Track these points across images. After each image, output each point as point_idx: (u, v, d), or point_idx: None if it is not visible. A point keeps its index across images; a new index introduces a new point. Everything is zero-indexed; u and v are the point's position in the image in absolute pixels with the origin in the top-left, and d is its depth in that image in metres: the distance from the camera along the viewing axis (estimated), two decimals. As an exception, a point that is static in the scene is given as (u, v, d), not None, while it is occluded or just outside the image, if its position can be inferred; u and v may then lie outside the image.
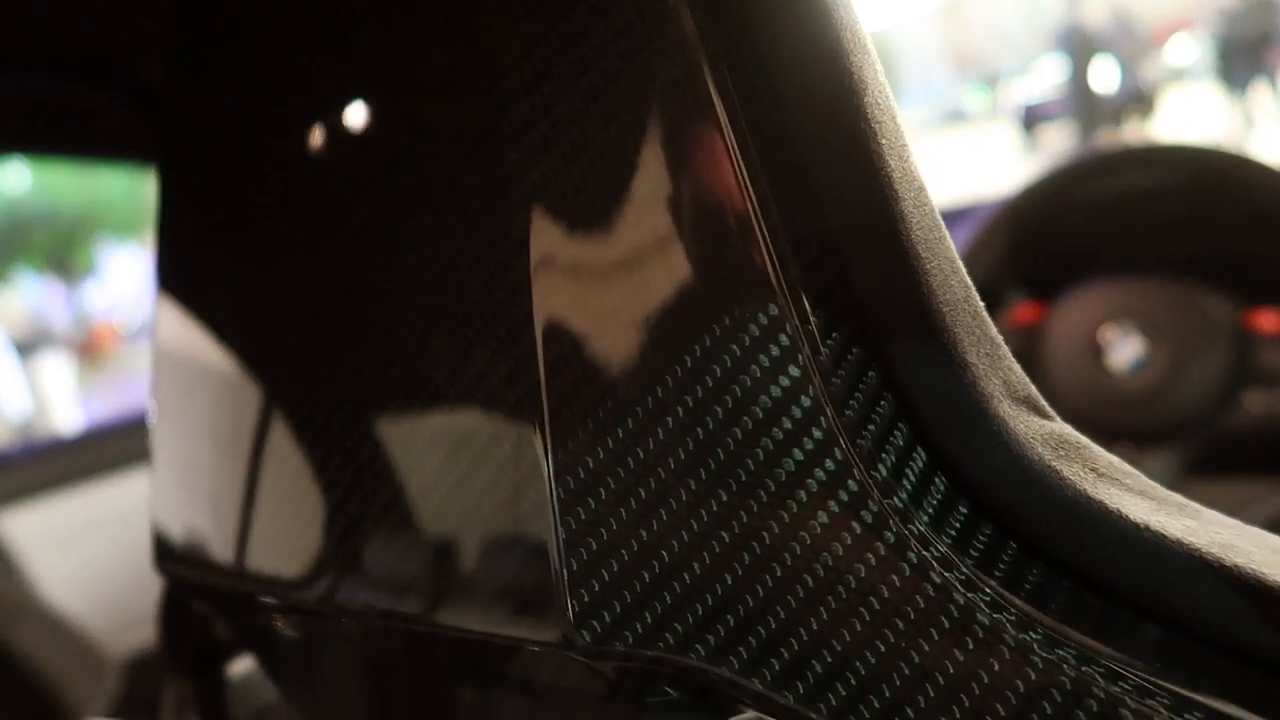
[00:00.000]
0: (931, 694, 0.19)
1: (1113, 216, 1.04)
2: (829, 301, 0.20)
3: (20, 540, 0.95)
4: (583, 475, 0.22)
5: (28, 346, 8.54)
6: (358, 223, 0.29)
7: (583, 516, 0.22)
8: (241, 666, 0.45)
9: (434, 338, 0.26)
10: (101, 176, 14.87)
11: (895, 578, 0.20)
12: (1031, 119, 11.33)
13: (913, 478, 0.20)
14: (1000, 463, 0.20)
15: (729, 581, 0.21)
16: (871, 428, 0.20)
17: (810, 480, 0.20)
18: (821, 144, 0.21)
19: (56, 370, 7.58)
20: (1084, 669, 0.19)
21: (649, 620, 0.22)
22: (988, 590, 0.19)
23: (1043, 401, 0.22)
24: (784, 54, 0.21)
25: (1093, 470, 0.21)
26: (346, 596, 0.28)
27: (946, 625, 0.19)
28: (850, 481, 0.20)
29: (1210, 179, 0.96)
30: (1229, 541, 0.20)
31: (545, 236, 0.23)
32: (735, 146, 0.20)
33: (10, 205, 14.85)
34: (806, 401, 0.20)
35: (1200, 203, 0.98)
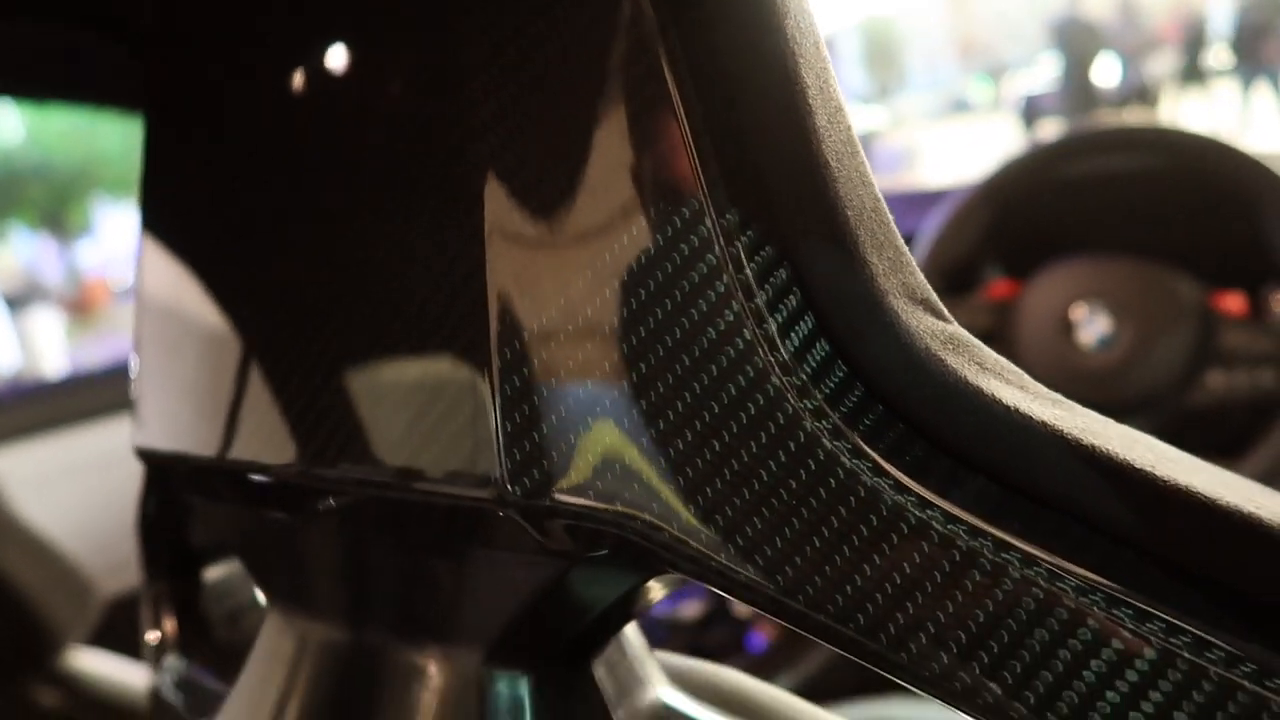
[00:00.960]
0: (839, 560, 0.22)
1: (1088, 197, 1.07)
2: (745, 201, 0.23)
3: (4, 481, 0.97)
4: (521, 343, 0.25)
5: (19, 301, 8.52)
6: (323, 168, 0.31)
7: (518, 382, 0.25)
8: (216, 571, 0.47)
9: (386, 233, 0.28)
10: (98, 134, 14.77)
11: (791, 444, 0.22)
12: (1032, 112, 11.34)
13: (813, 363, 0.23)
14: (891, 350, 0.23)
15: (645, 441, 0.23)
16: (779, 316, 0.23)
17: (720, 357, 0.23)
18: (744, 59, 0.23)
19: (46, 324, 7.56)
20: (975, 542, 0.21)
21: (576, 475, 0.24)
22: (871, 458, 0.22)
23: (942, 307, 0.25)
24: None
25: (977, 364, 0.23)
26: (318, 468, 0.30)
27: (833, 486, 0.22)
28: (755, 359, 0.22)
29: (1185, 163, 0.98)
30: (1092, 428, 0.23)
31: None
32: (665, 56, 0.22)
33: (4, 158, 14.75)
34: (720, 288, 0.22)
35: (1175, 186, 1.01)
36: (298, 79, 0.32)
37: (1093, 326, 1.02)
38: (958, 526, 0.21)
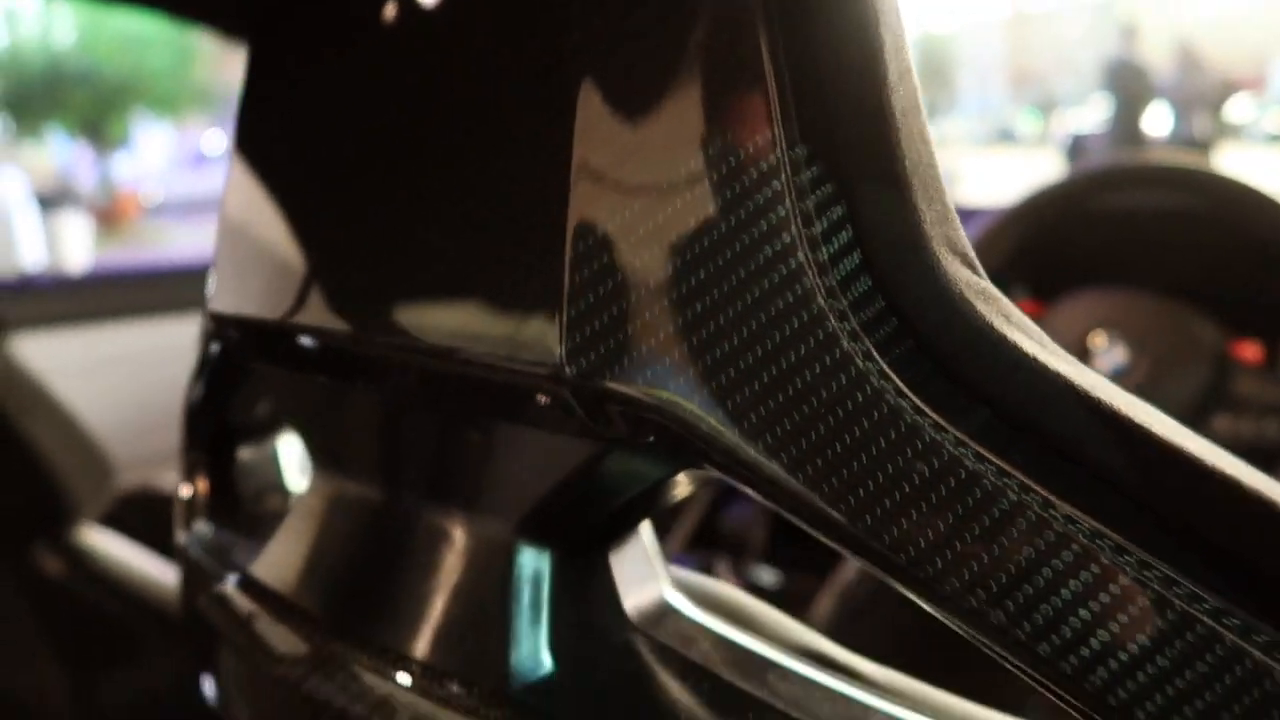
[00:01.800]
0: (856, 466, 0.24)
1: (1120, 229, 1.08)
2: (814, 138, 0.25)
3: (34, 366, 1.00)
4: (594, 239, 0.27)
5: (50, 201, 8.57)
6: (419, 88, 0.33)
7: (587, 274, 0.27)
8: (248, 451, 0.50)
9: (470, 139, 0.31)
10: (148, 50, 14.81)
11: (827, 359, 0.24)
12: (1078, 151, 11.25)
13: (855, 293, 0.25)
14: (928, 291, 0.25)
15: (694, 340, 0.25)
16: (830, 246, 0.25)
17: (773, 274, 0.25)
18: (830, 9, 0.25)
19: (76, 228, 7.60)
20: (979, 465, 0.23)
21: (629, 363, 0.26)
22: (896, 383, 0.24)
23: (978, 264, 0.27)
24: None
25: (1004, 315, 0.26)
26: (374, 335, 0.33)
27: (859, 401, 0.24)
28: (804, 280, 0.24)
29: (1220, 207, 0.99)
30: (1100, 385, 0.25)
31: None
32: (763, 15, 0.25)
33: (52, 60, 14.80)
34: (781, 213, 0.25)
35: (1206, 228, 1.02)
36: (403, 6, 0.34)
37: (1109, 356, 1.04)
38: (965, 450, 0.23)
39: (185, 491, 0.48)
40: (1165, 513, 0.23)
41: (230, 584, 0.41)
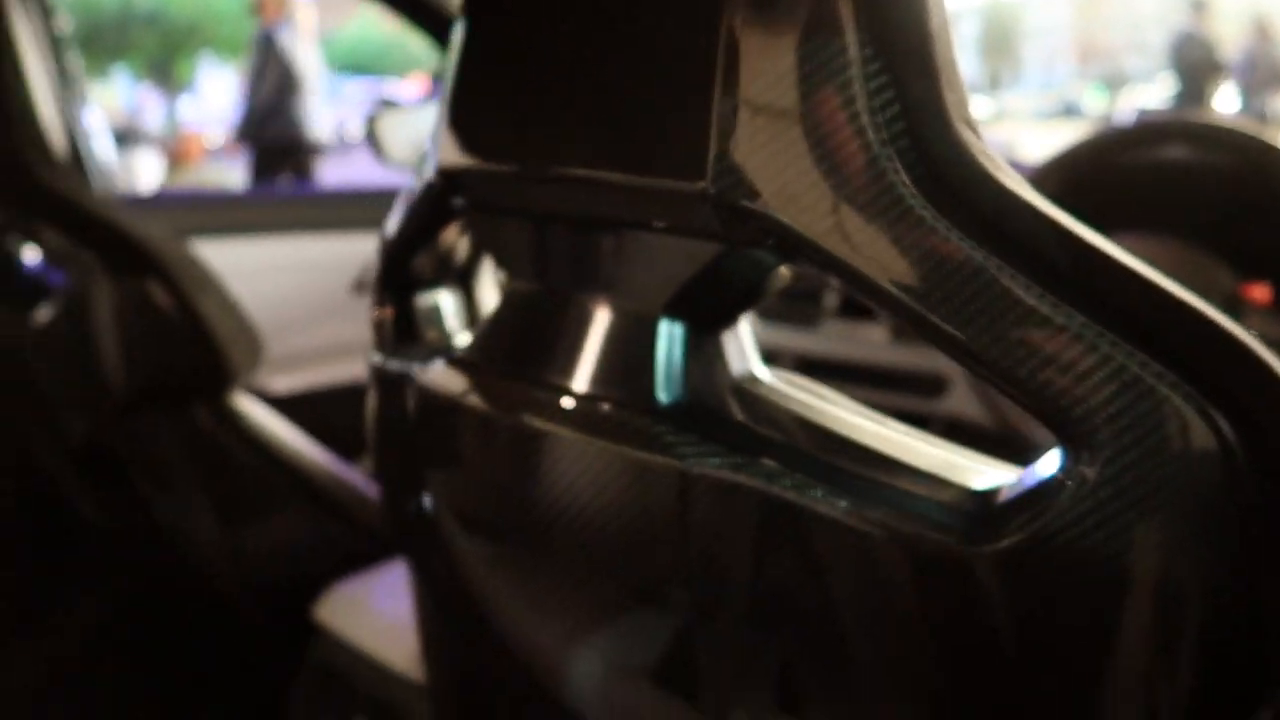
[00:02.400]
0: (895, 249, 0.38)
1: (1147, 181, 1.19)
2: (875, 38, 0.38)
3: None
4: (736, 85, 0.40)
5: (121, 139, 8.83)
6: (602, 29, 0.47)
7: (731, 112, 0.40)
8: (424, 299, 0.65)
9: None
10: (217, -7, 15.05)
11: (880, 185, 0.38)
12: (1142, 127, 11.03)
13: (900, 146, 0.38)
14: (949, 148, 0.38)
15: (803, 169, 0.39)
16: (884, 114, 0.38)
17: (847, 128, 0.38)
18: None
19: (148, 165, 7.84)
20: (961, 244, 0.37)
21: (758, 185, 0.40)
22: (918, 194, 0.38)
23: (981, 133, 0.40)
24: None
25: (989, 158, 0.38)
26: (570, 169, 0.47)
27: (899, 209, 0.38)
28: (866, 135, 0.38)
29: (1245, 161, 1.10)
30: (1045, 204, 0.38)
31: None
32: None
33: (125, 1, 15.11)
34: (852, 88, 0.38)
35: (1229, 181, 1.12)
36: None
37: (1126, 296, 1.15)
38: (950, 234, 0.37)
39: (382, 318, 0.63)
40: (1083, 284, 0.36)
41: (437, 366, 0.56)
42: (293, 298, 1.42)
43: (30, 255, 1.10)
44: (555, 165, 0.47)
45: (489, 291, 0.69)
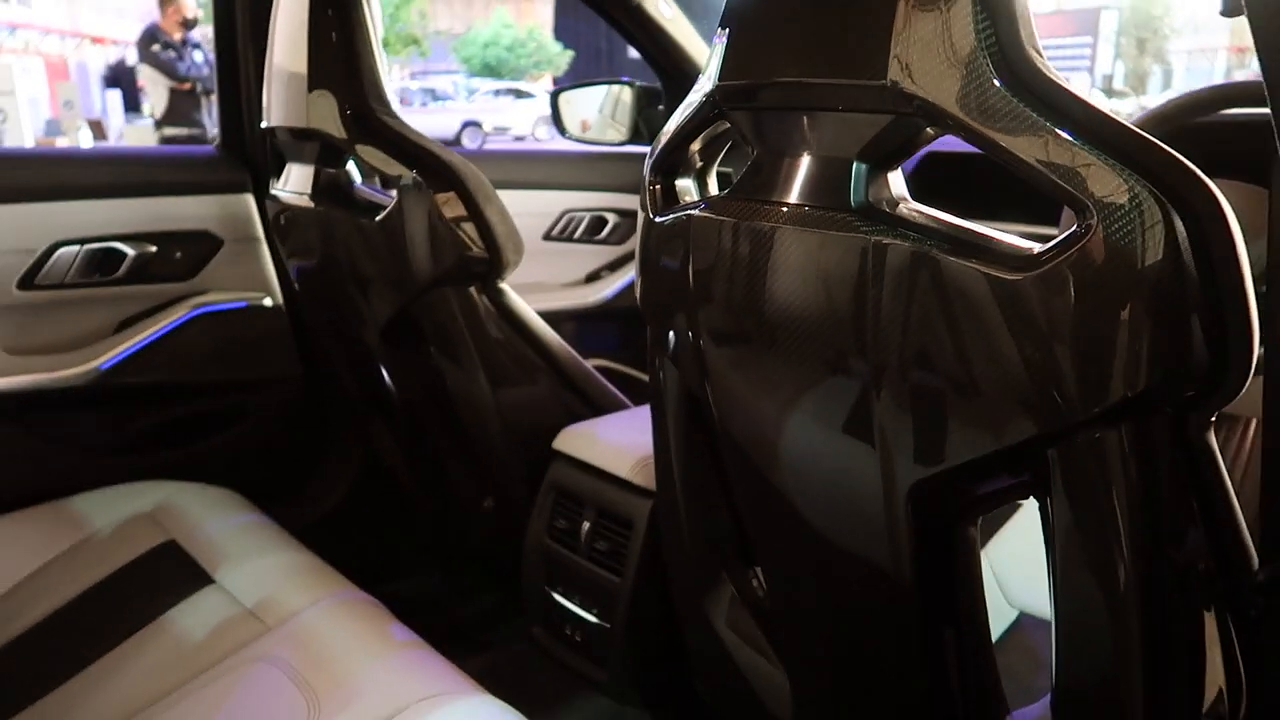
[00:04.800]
0: (994, 111, 0.70)
1: (1229, 135, 1.42)
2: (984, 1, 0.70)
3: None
4: (909, 23, 0.68)
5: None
6: None
7: (902, 39, 0.72)
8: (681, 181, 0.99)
9: None
10: None
11: (981, 77, 0.69)
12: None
13: (991, 53, 0.67)
14: (1019, 58, 0.68)
15: (947, 66, 0.71)
16: (986, 36, 0.67)
17: (965, 41, 0.66)
18: None
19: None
20: (1037, 118, 0.67)
21: (918, 78, 0.68)
22: (1005, 93, 0.69)
23: (1043, 52, 0.71)
24: None
25: (1052, 70, 0.70)
26: (790, 76, 0.80)
27: (989, 92, 0.69)
28: (978, 51, 0.66)
29: None
30: (1094, 99, 0.69)
31: None
32: None
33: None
34: (968, 21, 0.70)
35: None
36: None
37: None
38: (1020, 105, 0.68)
39: (654, 189, 0.96)
40: (1100, 134, 0.66)
41: (702, 205, 0.89)
42: None
43: (359, 176, 1.51)
44: (782, 75, 0.80)
45: (713, 184, 1.02)
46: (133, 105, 11.99)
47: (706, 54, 0.90)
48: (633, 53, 2.07)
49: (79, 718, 1.10)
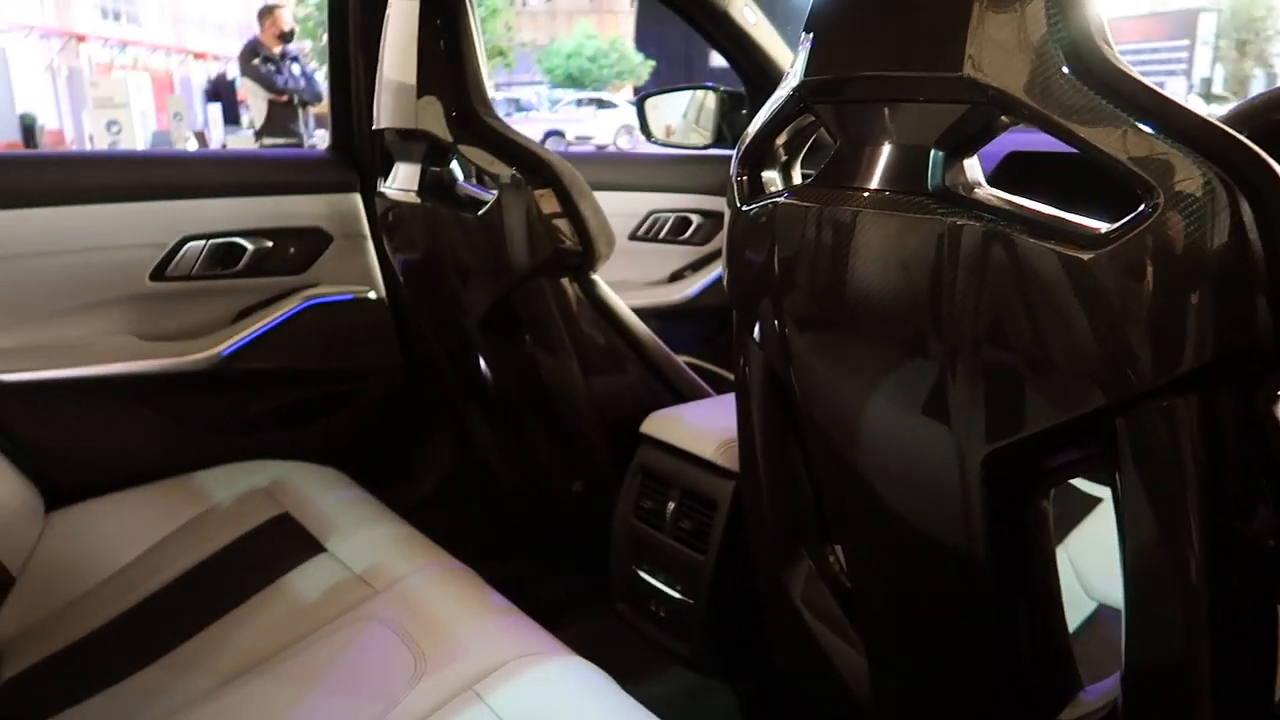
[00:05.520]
0: (1061, 98, 0.74)
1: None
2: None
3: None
4: (982, 19, 0.76)
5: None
6: None
7: (976, 33, 0.76)
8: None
9: None
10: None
11: (1051, 66, 0.74)
12: None
13: (1064, 44, 0.71)
14: (1089, 48, 0.72)
15: (1016, 58, 0.76)
16: (1059, 30, 0.72)
17: (1038, 33, 0.72)
18: None
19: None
20: (1098, 102, 0.72)
21: (992, 69, 0.77)
22: (1072, 78, 0.73)
23: (1113, 43, 0.75)
24: None
25: (1118, 58, 0.74)
26: (869, 70, 0.85)
27: (1058, 83, 0.73)
28: (1048, 42, 0.72)
29: None
30: (1152, 85, 0.73)
31: None
32: None
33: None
34: (1041, 18, 0.74)
35: None
36: None
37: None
38: (1089, 93, 0.72)
39: (742, 180, 1.02)
40: (1166, 121, 0.70)
41: (788, 195, 0.95)
42: None
43: (461, 174, 1.60)
44: (865, 70, 0.85)
45: (797, 175, 1.07)
46: (232, 118, 12.52)
47: (788, 58, 0.95)
48: (714, 63, 2.13)
49: (205, 669, 1.20)
